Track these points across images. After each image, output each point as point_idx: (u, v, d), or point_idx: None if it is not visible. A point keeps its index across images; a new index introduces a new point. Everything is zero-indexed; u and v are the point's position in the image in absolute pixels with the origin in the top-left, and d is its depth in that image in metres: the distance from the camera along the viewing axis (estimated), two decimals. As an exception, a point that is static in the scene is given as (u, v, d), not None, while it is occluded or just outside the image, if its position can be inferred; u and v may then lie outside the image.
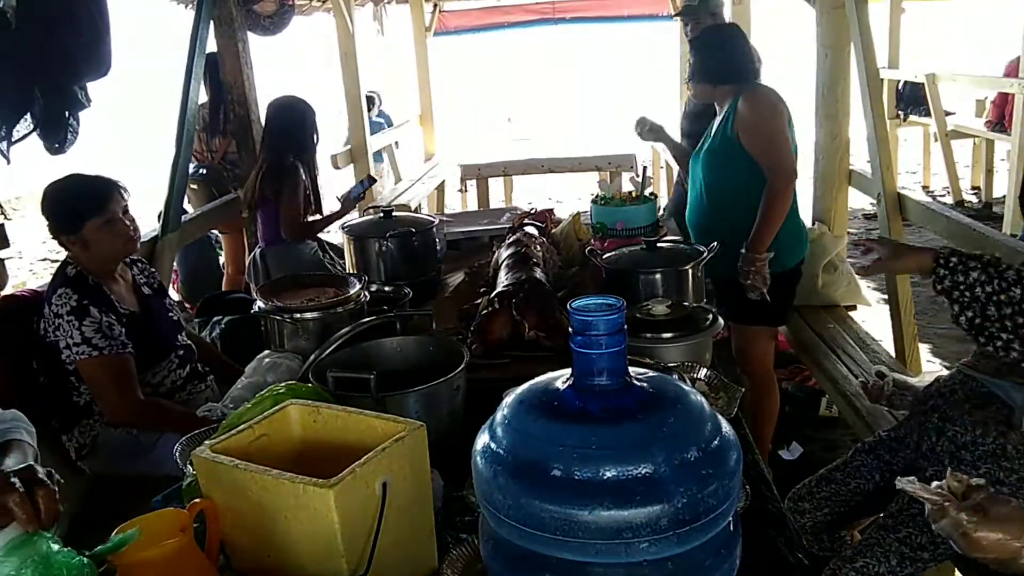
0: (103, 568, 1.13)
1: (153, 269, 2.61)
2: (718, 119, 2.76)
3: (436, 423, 1.57)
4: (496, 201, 6.54)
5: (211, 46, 3.85)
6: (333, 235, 4.41)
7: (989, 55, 9.45)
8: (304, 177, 3.53)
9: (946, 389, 1.83)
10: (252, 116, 3.91)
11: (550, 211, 3.17)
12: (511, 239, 2.57)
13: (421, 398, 1.59)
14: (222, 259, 4.88)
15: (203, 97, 4.24)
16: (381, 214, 2.79)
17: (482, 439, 0.94)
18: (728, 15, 5.86)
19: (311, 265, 3.48)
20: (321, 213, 3.71)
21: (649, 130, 3.19)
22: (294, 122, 3.58)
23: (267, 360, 1.86)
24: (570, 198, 8.31)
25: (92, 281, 2.26)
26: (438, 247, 2.88)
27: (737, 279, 2.65)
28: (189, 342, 2.51)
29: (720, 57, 2.72)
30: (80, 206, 2.25)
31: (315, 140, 3.66)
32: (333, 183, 5.05)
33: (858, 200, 4.77)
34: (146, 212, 4.10)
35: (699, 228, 2.83)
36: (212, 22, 3.74)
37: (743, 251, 2.63)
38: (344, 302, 2.11)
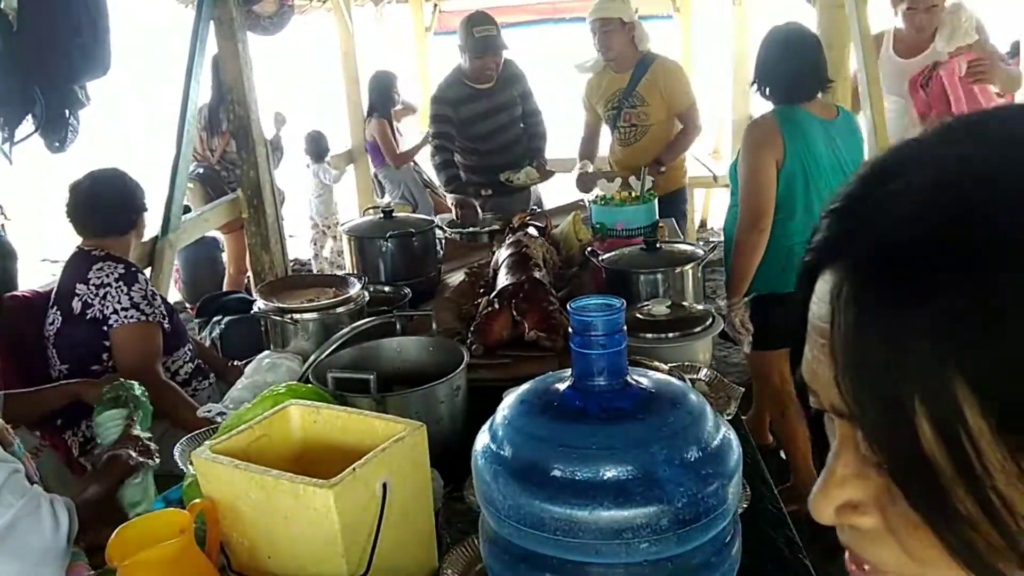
0: (103, 568, 1.13)
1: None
2: None
3: (436, 423, 1.57)
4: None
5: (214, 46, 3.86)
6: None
7: (989, 55, 9.43)
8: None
9: None
10: (252, 116, 3.91)
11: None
12: (511, 239, 2.57)
13: (421, 398, 1.59)
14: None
15: (204, 97, 4.24)
16: (381, 214, 2.78)
17: (482, 439, 0.94)
18: (728, 15, 5.88)
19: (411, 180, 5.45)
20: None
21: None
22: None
23: (267, 360, 1.86)
24: (570, 198, 8.29)
25: (127, 260, 2.40)
26: (438, 247, 2.88)
27: (753, 300, 2.63)
28: (196, 339, 2.58)
29: (773, 69, 2.60)
30: (141, 195, 2.53)
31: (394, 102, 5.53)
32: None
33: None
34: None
35: (726, 246, 2.80)
36: (212, 22, 3.75)
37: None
38: (344, 302, 2.11)
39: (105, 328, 2.28)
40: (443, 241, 3.10)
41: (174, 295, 4.55)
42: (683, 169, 3.94)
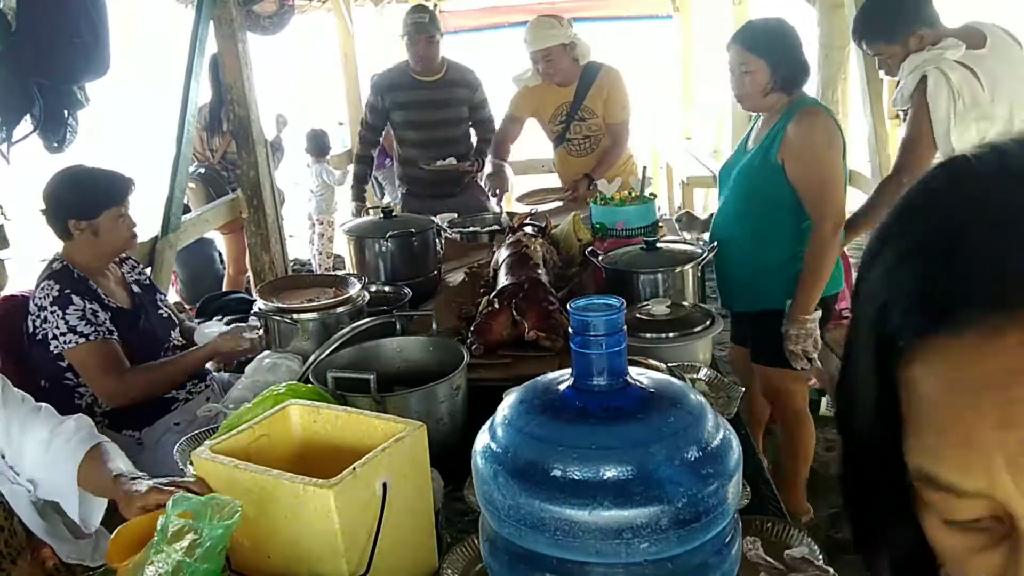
0: (102, 568, 1.13)
1: (142, 265, 2.62)
2: (758, 131, 2.49)
3: (436, 423, 1.57)
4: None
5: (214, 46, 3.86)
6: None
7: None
8: None
9: None
10: (252, 116, 3.91)
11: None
12: (511, 239, 2.57)
13: (421, 398, 1.59)
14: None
15: (204, 97, 4.24)
16: (381, 214, 2.78)
17: (482, 439, 0.94)
18: (728, 15, 5.87)
19: None
20: None
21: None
22: None
23: (267, 360, 1.86)
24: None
25: (77, 275, 2.28)
26: (438, 247, 2.88)
27: (760, 314, 2.48)
28: (183, 341, 2.52)
29: (800, 58, 2.37)
30: (103, 192, 2.30)
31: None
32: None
33: (858, 200, 4.77)
34: (145, 212, 4.11)
35: (721, 254, 2.49)
36: (212, 22, 3.75)
37: (786, 315, 2.37)
38: (344, 302, 2.10)
39: (52, 350, 2.22)
40: (443, 241, 3.10)
41: (172, 296, 4.55)
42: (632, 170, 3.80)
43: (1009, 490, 0.35)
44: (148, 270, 2.95)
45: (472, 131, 4.05)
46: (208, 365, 2.49)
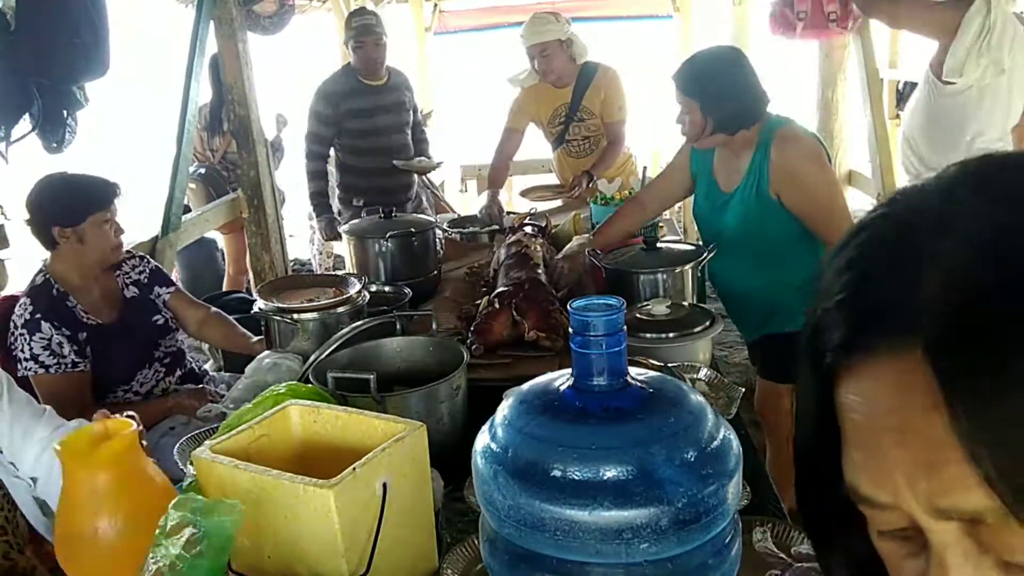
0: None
1: (148, 259, 2.56)
2: (724, 167, 2.34)
3: (436, 423, 1.57)
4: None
5: (214, 46, 3.86)
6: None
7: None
8: None
9: None
10: (252, 116, 3.91)
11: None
12: (511, 239, 2.57)
13: (421, 398, 1.59)
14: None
15: (204, 97, 4.24)
16: (381, 214, 2.78)
17: (482, 439, 0.94)
18: (728, 15, 5.87)
19: None
20: None
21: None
22: None
23: (267, 361, 1.86)
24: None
25: (57, 291, 2.23)
26: (438, 247, 2.88)
27: (775, 336, 2.37)
28: (179, 347, 2.49)
29: (740, 97, 2.19)
30: (87, 198, 2.24)
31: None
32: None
33: (858, 200, 4.78)
34: (145, 212, 4.11)
35: (728, 289, 2.45)
36: (212, 22, 3.75)
37: None
38: (344, 302, 2.11)
39: (18, 371, 2.16)
40: (443, 241, 3.10)
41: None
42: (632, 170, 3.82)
43: (911, 505, 0.38)
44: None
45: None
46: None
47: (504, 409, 0.94)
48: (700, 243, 2.53)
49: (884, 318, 0.38)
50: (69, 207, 2.22)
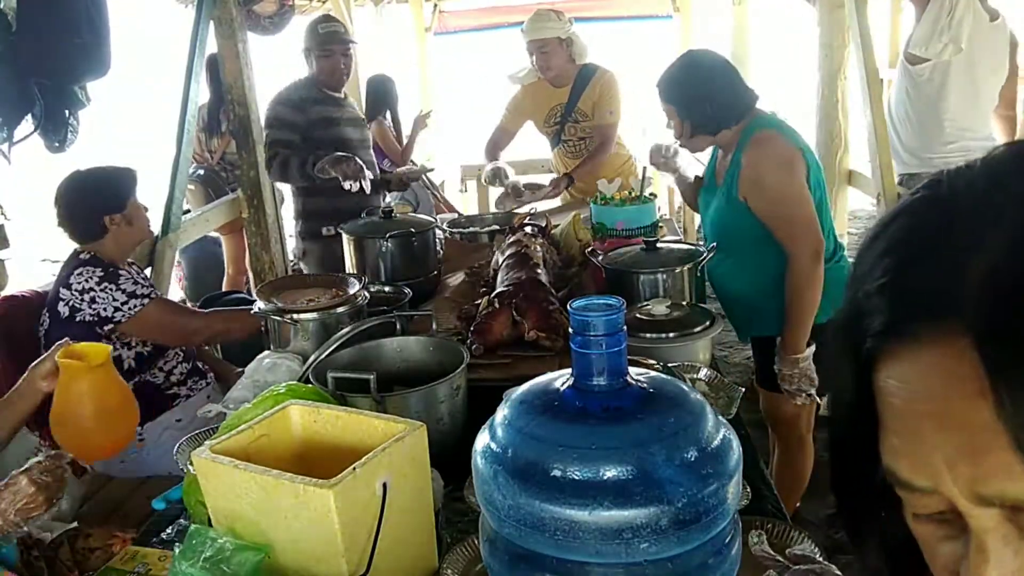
0: (104, 568, 1.13)
1: (145, 271, 2.66)
2: (720, 163, 2.41)
3: (436, 423, 1.57)
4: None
5: (213, 46, 3.86)
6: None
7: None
8: None
9: None
10: (252, 116, 3.91)
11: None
12: (511, 239, 2.57)
13: (421, 398, 1.59)
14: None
15: (202, 98, 4.24)
16: (381, 214, 2.78)
17: (482, 439, 0.94)
18: (728, 15, 5.87)
19: None
20: None
21: (664, 162, 2.76)
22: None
23: (267, 361, 1.86)
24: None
25: (107, 261, 2.37)
26: (438, 247, 2.88)
27: (759, 340, 2.45)
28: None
29: (714, 99, 2.25)
30: (124, 183, 2.45)
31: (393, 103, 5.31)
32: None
33: (858, 200, 4.78)
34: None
35: (716, 283, 2.47)
36: (212, 22, 3.75)
37: (776, 356, 2.29)
38: (344, 302, 2.11)
39: (108, 327, 2.29)
40: (443, 241, 3.10)
41: (177, 293, 4.56)
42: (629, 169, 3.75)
43: (951, 490, 0.38)
44: (148, 271, 2.96)
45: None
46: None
47: (504, 409, 0.94)
48: (700, 243, 2.54)
49: (928, 303, 0.38)
50: (114, 194, 2.40)
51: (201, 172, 4.55)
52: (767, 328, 2.38)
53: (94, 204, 2.37)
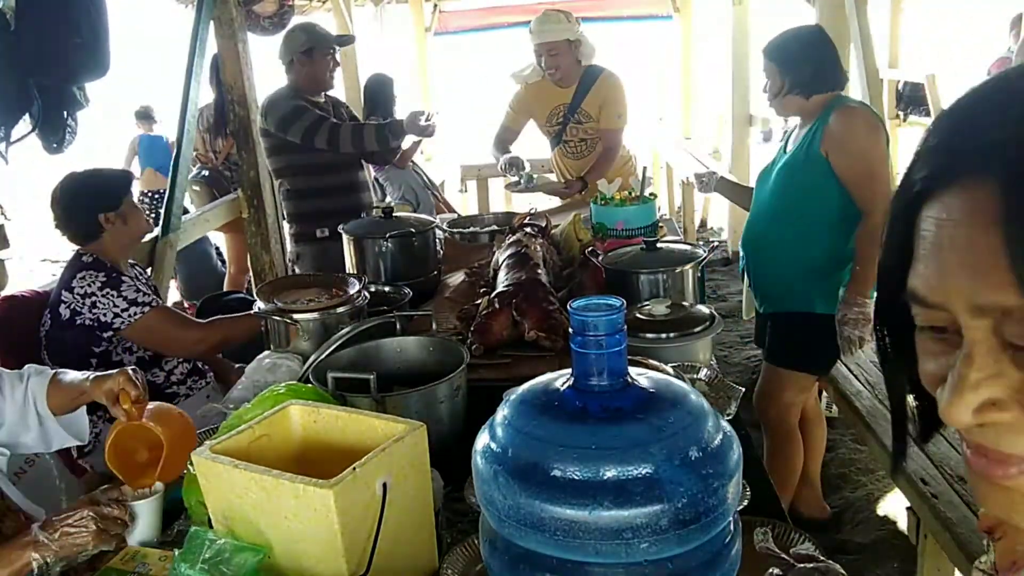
0: (104, 567, 1.13)
1: (148, 273, 2.67)
2: (797, 132, 2.52)
3: (436, 423, 1.57)
4: (496, 201, 6.54)
5: (214, 46, 3.86)
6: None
7: (989, 53, 9.45)
8: None
9: None
10: (252, 116, 3.91)
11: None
12: (511, 239, 2.57)
13: (421, 398, 1.59)
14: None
15: (205, 98, 4.24)
16: (381, 214, 2.78)
17: (482, 439, 0.94)
18: (728, 15, 5.87)
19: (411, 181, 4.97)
20: None
21: (706, 184, 2.93)
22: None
23: (267, 361, 1.86)
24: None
25: (110, 265, 2.38)
26: (438, 247, 2.88)
27: (787, 315, 2.50)
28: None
29: (815, 63, 2.42)
30: (119, 182, 2.48)
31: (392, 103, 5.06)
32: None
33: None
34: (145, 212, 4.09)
35: (757, 255, 2.57)
36: (212, 22, 3.75)
37: (843, 296, 2.36)
38: (344, 302, 2.11)
39: (108, 333, 2.29)
40: (443, 241, 3.10)
41: (172, 295, 4.55)
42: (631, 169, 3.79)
43: (956, 305, 0.47)
44: (149, 270, 2.97)
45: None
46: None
47: (504, 409, 0.94)
48: (700, 243, 2.55)
49: (967, 157, 0.45)
50: (108, 193, 2.41)
51: (206, 173, 4.55)
52: (798, 304, 2.47)
53: (89, 204, 2.37)
